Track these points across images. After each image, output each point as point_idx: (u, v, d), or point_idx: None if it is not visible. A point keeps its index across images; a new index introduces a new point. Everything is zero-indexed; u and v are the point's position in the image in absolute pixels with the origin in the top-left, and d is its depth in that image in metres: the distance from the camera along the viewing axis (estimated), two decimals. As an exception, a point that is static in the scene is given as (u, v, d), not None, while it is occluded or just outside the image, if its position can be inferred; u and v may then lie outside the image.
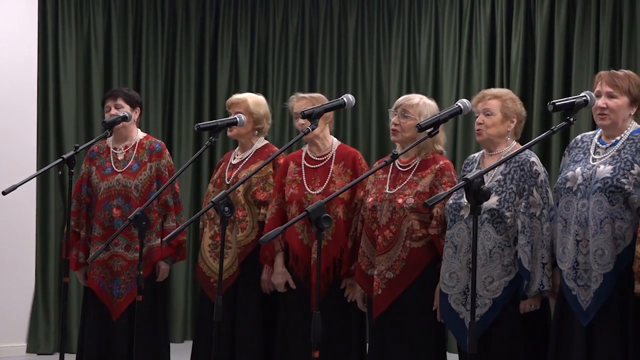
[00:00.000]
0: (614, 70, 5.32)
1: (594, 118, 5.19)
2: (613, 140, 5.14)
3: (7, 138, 8.68)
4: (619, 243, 4.96)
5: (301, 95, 6.25)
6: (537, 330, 5.35)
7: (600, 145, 5.18)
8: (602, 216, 4.95)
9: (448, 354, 5.85)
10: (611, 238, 4.95)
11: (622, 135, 5.13)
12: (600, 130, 5.23)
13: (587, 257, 5.00)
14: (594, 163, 5.11)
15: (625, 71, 5.31)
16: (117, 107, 6.50)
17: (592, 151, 5.20)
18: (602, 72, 5.28)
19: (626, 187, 4.95)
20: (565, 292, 5.12)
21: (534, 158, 5.38)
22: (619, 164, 5.01)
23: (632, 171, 4.98)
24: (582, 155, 5.23)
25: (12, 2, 8.80)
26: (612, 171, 4.99)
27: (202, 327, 6.50)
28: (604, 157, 5.10)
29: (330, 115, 6.05)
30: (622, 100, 5.10)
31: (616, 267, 4.94)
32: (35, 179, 8.02)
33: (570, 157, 5.33)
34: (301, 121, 5.74)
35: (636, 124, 5.20)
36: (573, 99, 4.70)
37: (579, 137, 5.40)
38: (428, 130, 4.67)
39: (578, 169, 5.13)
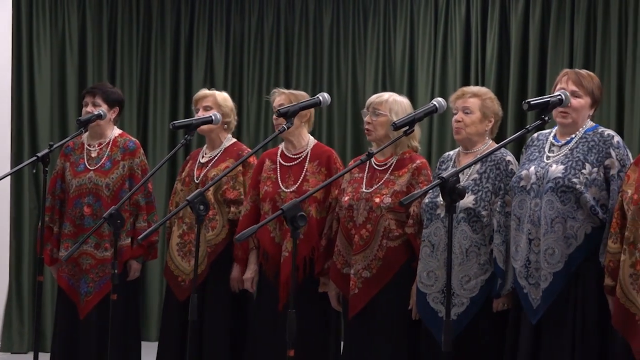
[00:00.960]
0: (578, 70, 5.35)
1: (553, 116, 5.18)
2: (568, 138, 5.17)
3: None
4: (570, 242, 4.99)
5: (282, 90, 6.24)
6: (502, 325, 5.36)
7: (555, 143, 5.22)
8: (553, 216, 4.99)
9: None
10: (562, 237, 4.99)
11: (577, 133, 5.15)
12: (557, 128, 5.26)
13: (538, 256, 5.03)
14: (548, 161, 5.14)
15: (589, 72, 5.36)
16: (94, 105, 6.48)
17: (546, 149, 5.23)
18: (567, 70, 5.31)
19: (577, 186, 4.97)
20: (517, 290, 5.14)
21: (510, 157, 5.41)
22: (570, 163, 5.04)
23: (583, 171, 5.01)
24: (537, 154, 5.26)
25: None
26: (563, 171, 5.02)
27: (167, 326, 6.52)
28: (557, 156, 5.13)
29: (308, 113, 6.05)
30: (585, 101, 5.14)
31: (566, 266, 4.98)
32: (9, 177, 7.81)
33: (526, 155, 5.35)
34: (277, 119, 5.75)
35: (591, 122, 5.23)
36: (548, 98, 4.81)
37: (535, 135, 5.42)
38: (404, 129, 4.69)
39: (532, 168, 5.15)
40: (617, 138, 5.12)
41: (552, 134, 5.26)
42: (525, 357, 5.11)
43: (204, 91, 6.49)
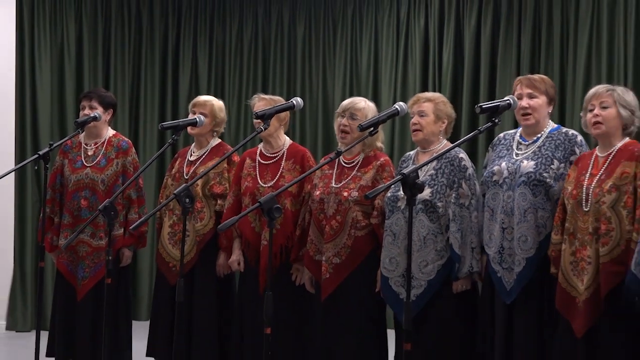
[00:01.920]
0: (530, 75, 5.38)
1: (517, 119, 5.21)
2: (534, 138, 5.17)
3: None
4: (540, 231, 5.01)
5: (262, 96, 6.21)
6: (468, 308, 5.38)
7: (522, 142, 5.22)
8: (526, 206, 5.00)
9: (387, 330, 5.83)
10: (534, 226, 5.01)
11: (542, 133, 5.17)
12: (521, 128, 5.26)
13: (512, 243, 5.04)
14: (518, 158, 5.14)
15: (540, 75, 5.40)
16: (90, 108, 6.45)
17: (514, 147, 5.23)
18: (520, 77, 5.34)
19: (547, 180, 5.00)
20: (491, 274, 5.15)
21: (463, 154, 5.39)
22: (540, 159, 5.05)
23: (552, 166, 5.03)
24: (505, 151, 5.26)
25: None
26: (534, 166, 5.03)
27: (158, 307, 6.49)
28: (526, 153, 5.14)
29: (285, 116, 6.05)
30: (542, 100, 5.15)
31: (537, 252, 5.01)
32: (13, 173, 7.92)
33: (494, 153, 5.34)
34: (256, 121, 5.71)
35: (553, 123, 5.24)
36: (497, 102, 4.73)
37: (501, 135, 5.42)
38: (369, 130, 4.67)
39: (503, 164, 5.15)
40: (580, 137, 5.15)
41: (517, 134, 5.28)
42: (500, 335, 5.12)
43: (203, 98, 6.47)
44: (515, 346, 5.09)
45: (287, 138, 6.17)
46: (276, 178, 5.94)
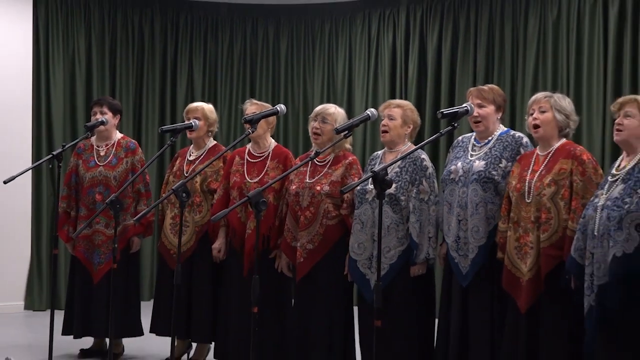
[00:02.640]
0: (480, 86, 5.38)
1: (471, 127, 5.26)
2: (486, 140, 5.20)
3: (7, 138, 8.62)
4: (490, 222, 5.04)
5: (254, 101, 6.23)
6: (424, 289, 5.41)
7: (476, 144, 5.24)
8: (477, 201, 5.03)
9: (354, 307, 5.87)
10: (484, 218, 5.03)
11: (493, 136, 5.19)
12: (475, 133, 5.30)
13: (467, 233, 5.08)
14: (471, 158, 5.16)
15: (490, 85, 5.38)
16: (101, 113, 6.49)
17: (470, 149, 5.25)
18: (471, 89, 5.34)
19: (496, 177, 5.03)
20: (450, 260, 5.19)
21: (424, 155, 5.42)
22: (490, 159, 5.08)
23: (500, 165, 5.06)
24: (462, 153, 5.28)
25: (12, 30, 8.72)
26: (484, 165, 5.06)
27: (161, 288, 6.50)
28: (479, 154, 5.16)
29: (273, 120, 6.07)
30: (490, 108, 5.17)
31: (488, 240, 5.04)
32: (30, 171, 8.04)
33: (453, 153, 5.37)
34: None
35: (503, 126, 5.26)
36: (456, 109, 4.80)
37: (460, 137, 5.45)
38: (344, 133, 4.69)
39: (459, 164, 5.18)
40: (525, 139, 5.18)
41: (473, 137, 5.30)
42: (457, 313, 5.16)
43: (194, 104, 6.49)
44: (470, 323, 5.12)
45: (273, 140, 6.17)
46: (261, 175, 5.95)
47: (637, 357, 4.33)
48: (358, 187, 5.38)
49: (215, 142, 6.49)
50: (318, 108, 5.82)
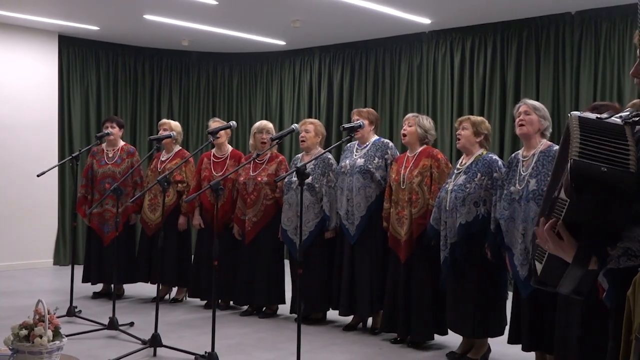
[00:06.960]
0: (361, 108, 5.47)
1: (355, 136, 5.18)
2: (364, 145, 5.21)
3: (39, 144, 8.37)
4: (368, 200, 5.09)
5: (216, 119, 6.23)
6: (330, 248, 5.40)
7: (359, 148, 5.25)
8: (359, 186, 5.09)
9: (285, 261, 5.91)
10: (364, 197, 5.09)
11: (369, 142, 5.21)
12: (357, 140, 5.29)
13: (353, 208, 5.11)
14: (355, 157, 5.18)
15: (367, 108, 5.56)
16: (111, 127, 6.38)
17: (354, 151, 5.25)
18: (354, 110, 5.38)
19: (371, 170, 5.07)
20: (342, 227, 5.22)
21: (330, 156, 5.46)
22: (367, 158, 5.11)
23: (374, 161, 5.08)
24: (350, 154, 5.30)
25: (44, 69, 8.43)
26: (363, 162, 5.10)
27: (141, 249, 6.39)
28: (360, 154, 5.18)
29: (229, 132, 6.02)
30: (366, 123, 5.16)
31: (367, 212, 5.07)
32: (56, 167, 7.86)
33: (343, 155, 5.37)
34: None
35: (376, 135, 5.28)
36: (353, 124, 4.86)
37: (348, 145, 5.44)
38: (276, 141, 4.66)
39: (347, 161, 5.23)
40: (391, 144, 5.22)
41: (356, 143, 5.29)
42: (347, 262, 5.20)
43: (164, 120, 6.43)
44: (356, 270, 5.17)
45: (230, 146, 6.13)
46: (223, 170, 5.88)
47: (475, 287, 4.41)
48: (286, 179, 5.38)
49: (179, 147, 6.41)
50: (262, 124, 5.77)
